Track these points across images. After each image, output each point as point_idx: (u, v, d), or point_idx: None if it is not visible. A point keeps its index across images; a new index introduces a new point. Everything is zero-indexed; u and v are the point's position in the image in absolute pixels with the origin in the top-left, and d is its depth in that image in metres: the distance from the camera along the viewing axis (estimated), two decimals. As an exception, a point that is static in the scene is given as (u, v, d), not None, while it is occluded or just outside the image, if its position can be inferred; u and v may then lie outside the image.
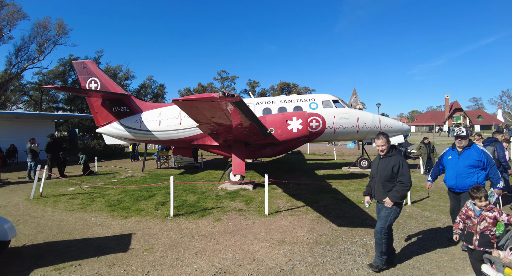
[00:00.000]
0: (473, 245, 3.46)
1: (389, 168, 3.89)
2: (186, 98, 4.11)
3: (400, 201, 3.92)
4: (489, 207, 3.41)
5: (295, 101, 11.80)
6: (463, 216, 3.64)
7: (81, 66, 13.28)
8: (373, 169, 4.23)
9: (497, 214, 3.35)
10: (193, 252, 4.83)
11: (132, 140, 13.12)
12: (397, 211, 3.94)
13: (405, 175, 3.84)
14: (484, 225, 3.40)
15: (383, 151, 3.98)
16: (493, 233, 3.36)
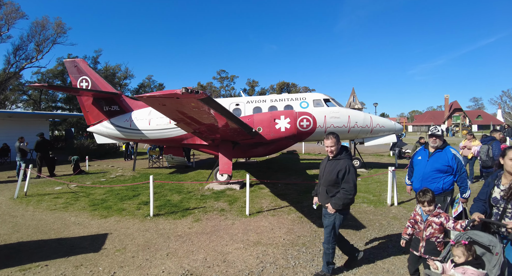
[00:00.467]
0: (419, 252, 3.25)
1: (335, 172, 3.61)
2: (150, 95, 4.00)
3: (343, 208, 3.65)
4: (435, 212, 3.17)
5: (285, 101, 11.67)
6: (412, 221, 3.41)
7: (72, 65, 13.21)
8: (320, 170, 3.99)
9: (443, 220, 3.12)
10: (165, 253, 4.73)
11: (122, 139, 13.04)
12: (340, 218, 3.68)
13: (350, 182, 3.55)
14: (430, 231, 3.17)
15: (332, 152, 3.71)
16: (439, 240, 3.14)
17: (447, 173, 3.93)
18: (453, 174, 3.94)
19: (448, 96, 50.98)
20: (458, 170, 3.93)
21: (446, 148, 4.00)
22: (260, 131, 9.21)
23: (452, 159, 3.91)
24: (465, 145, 8.92)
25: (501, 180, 2.86)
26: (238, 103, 11.80)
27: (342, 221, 3.71)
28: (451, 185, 4.01)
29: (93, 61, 42.34)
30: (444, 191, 3.98)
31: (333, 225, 3.67)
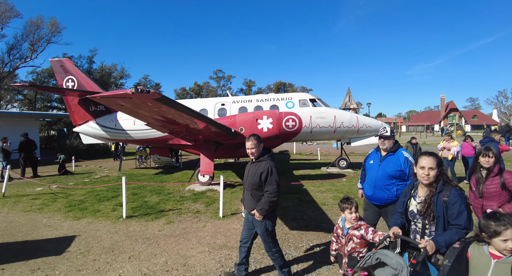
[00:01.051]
0: (343, 269, 3.00)
1: (258, 174, 3.41)
2: (103, 94, 3.90)
3: (270, 213, 3.46)
4: (356, 224, 2.91)
5: (271, 100, 11.58)
6: (335, 235, 3.12)
7: (58, 65, 13.11)
8: (244, 174, 3.81)
9: (363, 232, 2.84)
10: (127, 256, 4.63)
11: (108, 139, 12.94)
12: (270, 223, 3.49)
13: (273, 184, 3.35)
14: (351, 246, 2.89)
15: (253, 154, 3.52)
16: (362, 254, 2.87)
17: (399, 178, 3.62)
18: (406, 179, 3.63)
19: (444, 96, 51.03)
20: (411, 174, 3.57)
21: (399, 151, 3.70)
22: (242, 132, 9.12)
23: (405, 163, 3.61)
24: (444, 146, 8.81)
25: (417, 191, 2.57)
26: (223, 103, 11.71)
27: (273, 225, 3.54)
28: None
29: (88, 61, 42.28)
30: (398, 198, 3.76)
31: (267, 232, 3.49)
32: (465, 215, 2.27)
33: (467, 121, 50.60)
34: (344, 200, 3.00)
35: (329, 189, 8.98)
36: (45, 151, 22.38)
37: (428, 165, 2.40)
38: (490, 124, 40.77)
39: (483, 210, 3.29)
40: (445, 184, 2.44)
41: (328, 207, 7.04)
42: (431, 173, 2.39)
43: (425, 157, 2.47)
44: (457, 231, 2.25)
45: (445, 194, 2.37)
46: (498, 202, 3.20)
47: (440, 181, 2.44)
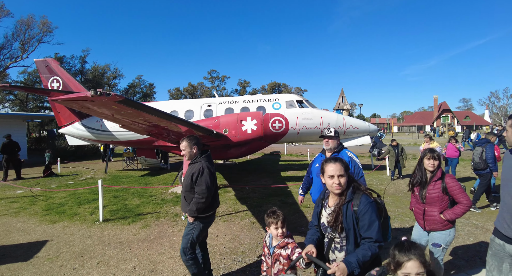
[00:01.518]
0: None
1: (190, 175, 3.34)
2: (63, 97, 3.81)
3: (201, 215, 3.32)
4: (283, 242, 2.52)
5: (258, 101, 11.51)
6: (263, 253, 2.73)
7: (43, 65, 12.90)
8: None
9: (290, 252, 2.45)
10: (96, 261, 4.53)
11: (94, 141, 12.77)
12: (199, 226, 3.38)
13: (202, 185, 3.24)
14: (278, 267, 2.49)
15: (185, 155, 3.44)
16: None
17: None
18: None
19: (437, 97, 51.41)
20: (356, 174, 3.52)
21: (343, 151, 3.61)
22: (226, 133, 9.05)
23: (349, 163, 3.44)
24: (424, 147, 8.80)
25: (328, 201, 2.30)
26: (210, 104, 11.62)
27: (202, 230, 3.42)
28: None
29: (81, 61, 41.86)
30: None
31: (190, 235, 3.37)
32: (376, 226, 2.01)
33: (459, 122, 51.09)
34: (269, 213, 2.61)
35: (313, 190, 8.92)
36: (34, 152, 22.10)
37: (336, 172, 2.12)
38: (471, 125, 41.49)
39: (426, 216, 3.15)
40: (355, 191, 2.15)
41: (309, 209, 6.98)
42: (342, 180, 2.13)
43: (330, 164, 2.16)
44: (369, 245, 1.98)
45: (355, 203, 2.08)
46: (440, 207, 3.06)
47: (350, 188, 2.16)
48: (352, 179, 2.22)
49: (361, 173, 3.56)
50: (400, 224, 5.91)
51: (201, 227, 3.41)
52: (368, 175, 11.32)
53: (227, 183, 10.44)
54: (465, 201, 3.00)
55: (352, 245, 2.08)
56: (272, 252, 2.58)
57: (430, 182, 3.12)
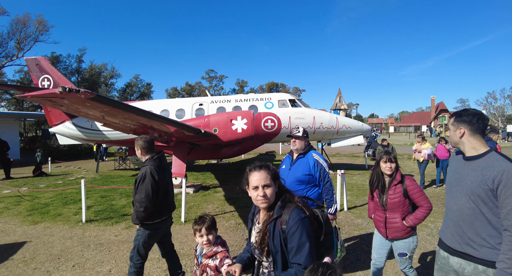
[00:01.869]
0: None
1: (135, 180, 3.17)
2: (32, 94, 3.68)
3: (147, 222, 3.13)
4: (211, 251, 2.30)
5: (250, 101, 11.39)
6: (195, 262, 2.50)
7: (34, 63, 12.74)
8: None
9: (218, 263, 2.24)
10: (72, 264, 4.39)
11: (84, 140, 12.62)
12: (145, 234, 3.15)
13: (141, 193, 3.02)
14: None
15: (140, 158, 3.30)
16: None
17: (310, 183, 3.30)
18: (317, 184, 3.34)
19: (435, 97, 51.42)
20: (322, 178, 3.31)
21: (309, 153, 3.39)
22: (216, 132, 8.92)
23: (314, 166, 3.29)
24: (416, 148, 8.66)
25: (258, 216, 1.90)
26: (201, 103, 11.48)
27: (148, 238, 3.18)
28: (317, 199, 3.35)
29: (77, 60, 41.61)
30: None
31: (137, 242, 3.18)
32: (306, 250, 1.59)
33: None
34: (196, 220, 2.38)
35: (304, 191, 8.80)
36: (28, 151, 21.91)
37: (260, 182, 1.72)
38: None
39: (388, 224, 2.89)
40: (285, 205, 1.73)
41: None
42: (268, 192, 1.71)
43: (254, 173, 1.76)
44: (296, 270, 1.59)
45: (283, 219, 1.66)
46: (401, 213, 2.84)
47: (279, 201, 1.75)
48: (284, 189, 1.84)
49: (328, 178, 3.32)
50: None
51: (147, 235, 3.17)
52: (362, 175, 11.20)
53: (218, 183, 10.30)
54: (426, 204, 2.80)
55: (281, 272, 1.70)
56: (200, 261, 2.35)
57: (390, 186, 2.87)
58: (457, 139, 2.00)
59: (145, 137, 3.32)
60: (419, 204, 2.82)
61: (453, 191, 2.02)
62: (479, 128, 1.92)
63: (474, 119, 1.91)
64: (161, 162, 3.30)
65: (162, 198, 3.22)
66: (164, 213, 3.29)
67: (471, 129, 1.92)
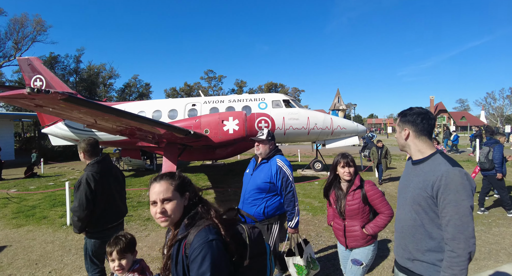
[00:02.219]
0: None
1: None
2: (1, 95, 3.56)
3: (92, 230, 2.93)
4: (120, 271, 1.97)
5: (244, 101, 11.26)
6: None
7: (26, 63, 12.64)
8: None
9: None
10: (49, 270, 4.25)
11: (77, 141, 12.47)
12: (91, 243, 2.93)
13: (75, 201, 2.83)
14: None
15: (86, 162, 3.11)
16: None
17: (271, 192, 2.99)
18: (279, 194, 3.04)
19: (434, 98, 51.12)
20: (283, 188, 2.99)
21: (273, 158, 3.07)
22: (207, 133, 8.78)
23: (276, 173, 2.96)
24: None
25: (169, 235, 1.58)
26: (194, 104, 11.35)
27: (95, 247, 2.94)
28: (278, 208, 3.05)
29: (75, 60, 41.51)
30: (267, 217, 3.00)
31: (85, 251, 3.01)
32: None
33: (455, 122, 50.97)
34: (109, 241, 2.08)
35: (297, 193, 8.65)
36: (24, 152, 21.80)
37: (159, 195, 1.42)
38: (451, 125, 41.34)
39: (347, 232, 2.64)
40: (192, 222, 1.40)
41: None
42: (169, 207, 1.41)
43: (153, 185, 1.49)
44: None
45: (188, 241, 1.34)
46: (361, 220, 2.59)
47: (184, 219, 1.44)
48: (202, 201, 1.52)
49: (290, 187, 3.01)
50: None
51: (93, 243, 2.94)
52: (356, 176, 11.06)
53: (210, 184, 10.16)
54: (387, 210, 2.56)
55: None
56: None
57: (349, 192, 2.62)
58: (402, 141, 1.80)
59: (88, 139, 3.10)
60: (380, 211, 2.58)
61: (400, 199, 1.84)
62: (424, 129, 1.72)
63: (418, 119, 1.72)
64: (103, 166, 3.03)
65: (104, 205, 2.97)
66: (108, 221, 3.02)
67: (415, 131, 1.73)
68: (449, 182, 1.51)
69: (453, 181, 1.50)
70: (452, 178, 1.51)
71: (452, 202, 1.48)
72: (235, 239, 1.43)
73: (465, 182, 1.51)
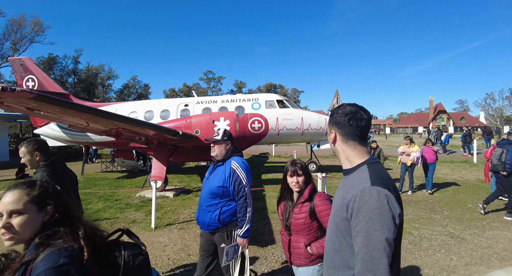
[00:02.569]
0: None
1: None
2: None
3: None
4: None
5: (237, 101, 11.12)
6: None
7: (18, 63, 12.53)
8: None
9: None
10: None
11: (69, 142, 12.36)
12: None
13: None
14: None
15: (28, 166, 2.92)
16: None
17: (225, 197, 2.78)
18: (233, 199, 2.80)
19: (433, 98, 51.04)
20: (236, 193, 2.74)
21: (229, 160, 2.84)
22: (198, 134, 8.64)
23: (230, 176, 2.73)
24: (404, 150, 8.14)
25: None
26: (187, 104, 11.21)
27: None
28: (235, 215, 2.82)
29: (74, 61, 41.47)
30: (223, 225, 2.77)
31: None
32: None
33: (455, 123, 50.68)
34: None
35: (289, 194, 8.48)
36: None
37: (6, 207, 1.23)
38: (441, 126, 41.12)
39: (291, 248, 2.35)
40: (46, 242, 1.18)
41: (276, 215, 6.56)
42: (16, 222, 1.22)
43: (5, 193, 1.26)
44: None
45: (35, 265, 1.12)
46: (307, 237, 2.27)
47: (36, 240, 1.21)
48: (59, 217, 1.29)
49: (243, 192, 2.73)
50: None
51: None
52: (351, 177, 10.88)
53: (202, 186, 9.99)
54: None
55: None
56: None
57: (297, 203, 2.32)
58: (332, 145, 1.46)
59: (40, 140, 2.95)
60: None
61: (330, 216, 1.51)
62: (352, 133, 1.35)
63: (345, 120, 1.35)
64: (57, 166, 2.89)
65: None
66: None
67: (342, 134, 1.37)
68: (362, 206, 1.17)
69: (367, 204, 1.16)
70: (366, 201, 1.17)
71: (362, 231, 1.15)
72: (110, 265, 1.24)
73: (383, 206, 1.15)
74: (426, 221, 6.07)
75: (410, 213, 6.66)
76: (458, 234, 5.37)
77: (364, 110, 1.39)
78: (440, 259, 4.37)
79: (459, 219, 6.23)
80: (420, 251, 4.64)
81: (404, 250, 4.67)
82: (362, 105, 1.43)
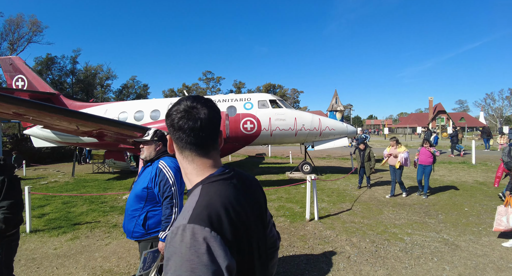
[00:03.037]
0: None
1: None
2: None
3: (7, 233, 2.68)
4: None
5: (229, 101, 10.88)
6: None
7: (7, 63, 12.32)
8: None
9: None
10: (-12, 285, 3.85)
11: (59, 143, 12.14)
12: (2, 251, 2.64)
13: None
14: None
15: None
16: None
17: (150, 200, 2.51)
18: (158, 201, 2.53)
19: (432, 99, 50.69)
20: (161, 193, 2.47)
21: (157, 161, 2.60)
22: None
23: (155, 176, 2.48)
24: (390, 152, 7.81)
25: None
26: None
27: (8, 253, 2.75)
28: (158, 225, 2.54)
29: (72, 61, 41.32)
30: (149, 232, 2.52)
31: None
32: None
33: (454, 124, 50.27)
34: None
35: (280, 197, 8.25)
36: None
37: None
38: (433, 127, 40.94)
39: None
40: None
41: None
42: None
43: None
44: None
45: None
46: None
47: None
48: None
49: (168, 192, 2.46)
50: (360, 238, 5.23)
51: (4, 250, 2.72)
52: (345, 178, 10.64)
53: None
54: None
55: None
56: None
57: None
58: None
59: None
60: None
61: None
62: (183, 139, 0.98)
63: (175, 121, 0.98)
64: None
65: None
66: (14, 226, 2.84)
67: (175, 141, 1.02)
68: (171, 256, 0.81)
69: (176, 254, 0.80)
70: (175, 249, 0.81)
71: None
72: None
73: (197, 258, 0.78)
74: (420, 226, 5.82)
75: (403, 217, 6.40)
76: (453, 241, 5.11)
77: (205, 105, 1.00)
78: (431, 269, 4.11)
79: (454, 223, 5.97)
80: (410, 259, 4.38)
81: (394, 258, 4.42)
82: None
